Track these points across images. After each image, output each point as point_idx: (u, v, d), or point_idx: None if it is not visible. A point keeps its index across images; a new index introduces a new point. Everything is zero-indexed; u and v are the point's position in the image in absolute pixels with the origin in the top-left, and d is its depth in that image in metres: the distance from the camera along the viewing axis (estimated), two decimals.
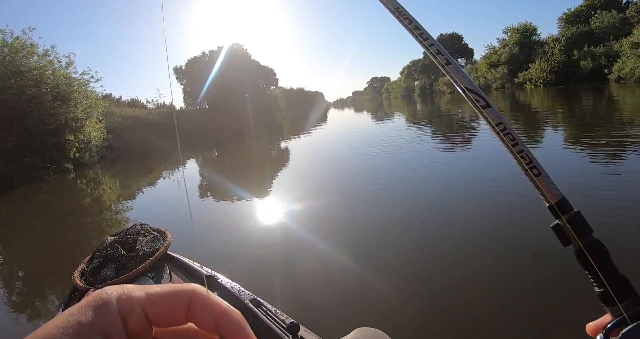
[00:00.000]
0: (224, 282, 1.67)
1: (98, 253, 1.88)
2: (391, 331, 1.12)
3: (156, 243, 1.90)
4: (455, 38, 73.94)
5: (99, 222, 6.70)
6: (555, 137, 9.24)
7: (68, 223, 6.92)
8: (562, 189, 0.39)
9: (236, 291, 1.61)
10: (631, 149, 6.55)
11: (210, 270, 1.76)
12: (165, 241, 1.93)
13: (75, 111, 15.38)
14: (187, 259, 1.90)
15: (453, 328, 2.39)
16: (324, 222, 4.82)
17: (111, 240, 1.97)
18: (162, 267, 1.82)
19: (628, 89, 22.07)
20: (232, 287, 1.63)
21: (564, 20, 41.64)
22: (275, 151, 14.95)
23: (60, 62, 15.91)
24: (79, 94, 15.87)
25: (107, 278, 1.68)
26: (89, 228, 6.33)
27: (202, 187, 9.00)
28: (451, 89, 59.02)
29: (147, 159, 16.96)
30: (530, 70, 39.08)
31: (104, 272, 1.74)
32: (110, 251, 1.84)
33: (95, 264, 1.80)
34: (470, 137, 10.87)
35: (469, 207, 4.50)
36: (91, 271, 1.77)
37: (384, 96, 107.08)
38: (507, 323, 2.35)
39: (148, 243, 1.88)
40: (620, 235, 3.15)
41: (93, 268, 1.79)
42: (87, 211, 7.86)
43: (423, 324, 2.44)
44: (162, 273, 1.76)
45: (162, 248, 1.86)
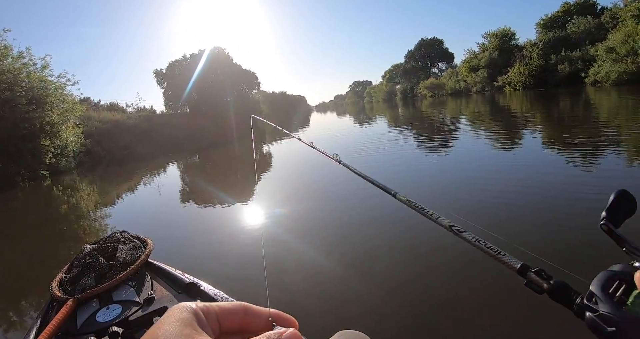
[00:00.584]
0: (207, 289, 1.67)
1: (77, 262, 1.85)
2: (374, 333, 1.14)
3: (137, 251, 1.88)
4: (436, 43, 75.09)
5: (76, 230, 6.55)
6: (535, 139, 9.47)
7: (44, 232, 6.74)
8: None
9: (219, 298, 1.61)
10: (609, 149, 6.78)
11: (193, 277, 1.75)
12: (146, 249, 1.92)
13: (51, 115, 14.94)
14: (169, 266, 1.88)
15: (436, 329, 2.43)
16: (306, 225, 4.85)
17: (90, 248, 1.94)
18: (144, 275, 1.80)
19: (604, 92, 22.79)
20: (215, 294, 1.63)
21: (541, 25, 42.93)
22: (257, 156, 14.90)
23: (36, 64, 15.53)
24: (55, 97, 15.44)
25: (86, 287, 1.65)
26: (66, 237, 6.18)
27: (184, 192, 8.91)
28: (432, 93, 59.94)
29: (127, 164, 16.69)
30: (509, 74, 40.07)
31: (83, 281, 1.71)
32: (89, 259, 1.82)
33: (74, 273, 1.78)
34: (451, 139, 11.04)
35: (453, 207, 4.57)
36: (70, 281, 1.74)
37: (366, 100, 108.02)
38: (493, 324, 2.41)
39: (128, 251, 1.86)
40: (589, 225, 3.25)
41: (72, 277, 1.76)
42: (64, 218, 7.67)
43: (405, 326, 2.47)
44: (143, 281, 1.75)
45: (143, 256, 1.84)
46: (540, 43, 37.71)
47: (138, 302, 1.58)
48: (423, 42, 75.70)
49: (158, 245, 2.15)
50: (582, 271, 0.48)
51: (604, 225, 0.45)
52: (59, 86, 16.06)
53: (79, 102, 18.14)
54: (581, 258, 3.00)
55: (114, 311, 1.53)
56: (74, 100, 17.10)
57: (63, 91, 16.29)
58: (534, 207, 4.30)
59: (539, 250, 3.20)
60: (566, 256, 3.06)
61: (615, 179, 4.95)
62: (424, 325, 2.46)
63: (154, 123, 26.10)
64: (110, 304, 1.58)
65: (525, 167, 6.31)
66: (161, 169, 14.17)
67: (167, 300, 1.59)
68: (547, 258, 0.66)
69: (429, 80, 63.46)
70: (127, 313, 1.52)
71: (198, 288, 1.67)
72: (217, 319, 0.34)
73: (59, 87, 16.03)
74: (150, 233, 2.19)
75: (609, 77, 26.26)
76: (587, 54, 31.47)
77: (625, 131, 8.82)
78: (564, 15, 41.14)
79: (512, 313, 2.47)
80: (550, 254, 3.10)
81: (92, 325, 1.47)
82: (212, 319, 0.33)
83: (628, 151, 6.77)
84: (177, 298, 1.60)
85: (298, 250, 3.99)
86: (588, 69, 29.64)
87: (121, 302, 1.59)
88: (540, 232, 3.61)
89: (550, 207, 4.21)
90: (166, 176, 12.39)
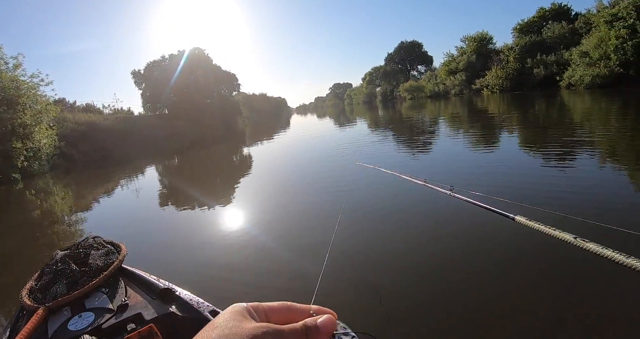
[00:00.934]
0: (182, 294, 1.65)
1: (47, 269, 1.81)
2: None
3: (110, 256, 1.85)
4: (415, 46, 76.08)
5: (49, 236, 6.37)
6: (511, 139, 9.69)
7: (15, 238, 6.55)
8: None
9: (195, 303, 1.60)
10: (582, 149, 6.99)
11: (168, 283, 1.73)
12: (120, 254, 1.89)
13: (23, 116, 14.53)
14: (143, 272, 1.86)
15: (412, 321, 2.47)
16: (284, 227, 4.86)
17: (61, 255, 1.90)
18: (117, 281, 1.77)
19: (578, 95, 23.50)
20: (190, 299, 1.62)
21: (517, 30, 43.99)
22: (237, 158, 14.80)
23: (7, 63, 15.11)
24: (27, 98, 15.01)
25: (57, 295, 1.62)
26: (38, 243, 6.01)
27: (162, 196, 8.77)
28: (412, 95, 60.68)
29: (103, 167, 16.34)
30: (486, 77, 40.96)
31: (55, 289, 1.68)
32: (60, 266, 1.78)
33: (45, 280, 1.73)
34: (430, 140, 11.19)
35: (420, 207, 4.64)
36: (40, 289, 1.70)
37: (347, 102, 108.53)
38: (455, 311, 2.45)
39: (101, 257, 1.83)
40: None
41: (42, 285, 1.72)
42: (36, 224, 7.46)
43: (384, 321, 2.50)
44: (117, 288, 1.72)
45: (116, 262, 1.81)
46: (516, 47, 38.67)
47: (111, 309, 1.56)
48: (403, 45, 76.60)
49: (133, 250, 2.13)
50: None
51: None
52: (32, 86, 15.65)
53: (53, 103, 17.67)
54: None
55: (87, 319, 1.50)
56: (48, 101, 16.70)
57: (36, 91, 15.89)
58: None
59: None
60: None
61: (586, 180, 5.12)
62: (391, 315, 2.50)
63: (132, 125, 25.65)
64: (83, 312, 1.55)
65: (502, 165, 6.46)
66: (139, 171, 13.92)
67: (142, 306, 1.57)
68: None
69: (409, 82, 64.23)
70: (100, 320, 1.49)
71: (173, 294, 1.65)
72: (265, 315, 0.41)
73: (32, 87, 15.63)
74: (126, 238, 2.16)
75: (583, 80, 27.05)
76: (561, 58, 32.43)
77: (598, 132, 9.12)
78: (539, 20, 42.27)
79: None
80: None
81: (64, 334, 1.44)
82: (261, 314, 0.40)
83: (601, 151, 7.00)
84: (151, 304, 1.58)
85: (275, 252, 4.00)
86: (563, 73, 30.49)
87: (94, 309, 1.56)
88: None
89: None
90: (144, 179, 12.18)
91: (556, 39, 36.13)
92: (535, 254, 3.13)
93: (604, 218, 3.64)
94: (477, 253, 3.38)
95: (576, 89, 27.67)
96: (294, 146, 16.04)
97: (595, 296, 2.56)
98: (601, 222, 1.01)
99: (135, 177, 12.63)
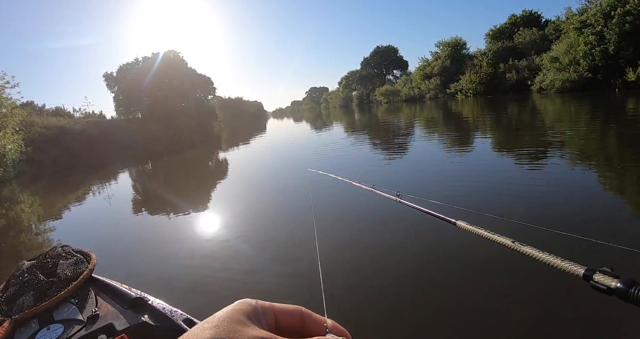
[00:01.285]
0: (155, 303, 1.63)
1: (13, 280, 1.75)
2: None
3: (79, 266, 1.81)
4: (391, 50, 77.27)
5: (15, 246, 6.14)
6: (484, 142, 9.92)
7: None
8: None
9: (168, 311, 1.58)
10: (553, 151, 7.23)
11: (140, 291, 1.71)
12: (90, 263, 1.85)
13: None
14: (114, 281, 1.82)
15: (397, 320, 2.50)
16: (258, 233, 4.84)
17: (28, 265, 1.84)
18: (87, 291, 1.73)
19: (549, 98, 24.37)
20: (163, 308, 1.60)
21: (490, 36, 45.36)
22: (212, 163, 14.64)
23: None
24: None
25: (24, 307, 1.57)
26: (3, 254, 5.78)
27: (136, 203, 8.60)
28: (387, 99, 61.46)
29: (74, 173, 15.89)
30: (460, 81, 42.05)
31: (21, 300, 1.63)
32: (27, 277, 1.73)
33: (11, 292, 1.68)
34: (407, 142, 11.35)
35: (367, 212, 4.68)
36: (6, 300, 1.65)
37: (323, 106, 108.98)
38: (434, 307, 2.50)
39: (70, 266, 1.79)
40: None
41: (8, 296, 1.67)
42: (1, 234, 7.17)
43: (367, 319, 2.53)
44: (86, 298, 1.68)
45: (86, 271, 1.77)
46: (489, 52, 39.85)
47: (81, 320, 1.53)
48: (378, 50, 77.67)
49: (104, 259, 2.08)
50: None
51: None
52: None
53: (20, 107, 17.08)
54: None
55: (55, 331, 1.46)
56: (14, 104, 16.17)
57: (1, 94, 15.38)
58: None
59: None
60: None
61: (557, 177, 5.29)
62: (380, 315, 2.53)
63: (104, 129, 25.01)
64: (51, 324, 1.51)
65: (477, 167, 6.61)
66: (111, 177, 13.60)
67: (113, 317, 1.54)
68: None
69: (385, 86, 65.10)
70: (70, 332, 1.45)
71: (146, 303, 1.62)
72: (274, 316, 0.37)
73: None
74: (96, 247, 2.12)
75: (554, 84, 28.12)
76: (532, 63, 33.60)
77: (568, 133, 9.46)
78: (511, 26, 43.69)
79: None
80: None
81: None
82: (269, 315, 0.37)
83: (570, 152, 7.27)
84: (122, 314, 1.55)
85: (248, 257, 3.99)
86: (534, 77, 31.63)
87: (63, 321, 1.52)
88: None
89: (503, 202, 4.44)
90: (116, 185, 11.90)
91: (527, 44, 37.43)
92: (478, 257, 3.26)
93: (548, 222, 3.77)
94: (419, 256, 3.52)
95: (547, 93, 28.69)
96: (269, 151, 15.99)
97: (532, 296, 2.69)
98: (543, 226, 1.06)
99: (107, 184, 12.32)
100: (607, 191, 4.94)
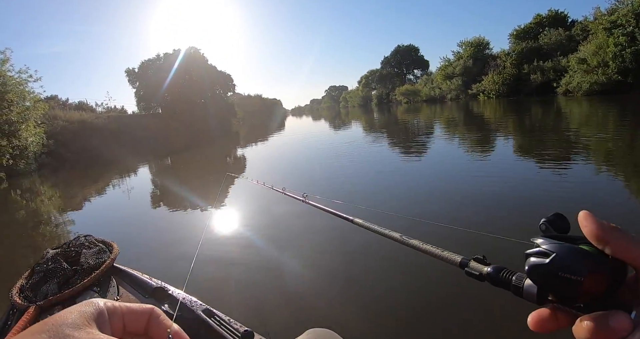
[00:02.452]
0: (175, 293, 1.66)
1: (38, 268, 1.80)
2: (342, 330, 1.18)
3: (102, 255, 1.85)
4: (411, 50, 76.68)
5: (37, 236, 6.31)
6: (506, 146, 9.74)
7: (2, 238, 6.49)
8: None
9: (187, 301, 1.61)
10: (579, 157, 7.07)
11: (160, 281, 1.74)
12: (112, 253, 1.89)
13: (9, 113, 14.30)
14: (135, 271, 1.86)
15: (401, 325, 2.50)
16: (273, 229, 4.89)
17: (53, 253, 1.89)
18: (109, 280, 1.77)
19: (575, 101, 23.74)
20: (183, 298, 1.63)
21: (514, 36, 44.56)
22: (231, 159, 14.78)
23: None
24: (14, 94, 14.78)
25: (49, 294, 1.61)
26: (26, 243, 5.96)
27: (155, 196, 8.75)
28: (407, 99, 61.00)
29: (94, 166, 16.22)
30: (483, 82, 41.31)
31: (46, 288, 1.67)
32: (51, 265, 1.77)
33: (36, 279, 1.73)
34: (429, 145, 11.23)
35: (417, 210, 4.66)
36: (31, 287, 1.69)
37: (342, 105, 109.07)
38: (455, 321, 2.48)
39: (93, 256, 1.83)
40: None
41: (33, 283, 1.71)
42: (22, 224, 7.39)
43: (372, 322, 2.56)
44: (108, 287, 1.71)
45: (108, 261, 1.81)
46: (513, 53, 39.08)
47: None
48: (399, 49, 77.18)
49: (125, 250, 2.13)
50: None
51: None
52: (19, 82, 15.41)
53: (43, 100, 17.47)
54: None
55: None
56: (36, 97, 16.49)
57: (24, 88, 15.67)
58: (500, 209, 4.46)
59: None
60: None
61: (582, 186, 5.18)
62: (389, 322, 2.54)
63: (125, 124, 25.52)
64: None
65: (496, 173, 6.52)
66: (131, 171, 13.85)
67: None
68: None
69: (405, 86, 64.63)
70: None
71: (166, 292, 1.65)
72: (122, 320, 0.36)
73: (19, 83, 15.39)
74: (117, 237, 2.16)
75: (581, 87, 27.33)
76: (558, 64, 32.80)
77: (594, 139, 9.23)
78: (536, 26, 42.85)
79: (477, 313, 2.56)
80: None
81: None
82: (117, 319, 0.35)
83: (596, 158, 7.09)
84: (143, 303, 1.58)
85: (266, 253, 4.03)
86: (560, 79, 30.83)
87: None
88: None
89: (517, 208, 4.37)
90: (136, 179, 12.13)
91: (553, 45, 36.61)
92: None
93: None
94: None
95: (573, 96, 27.95)
96: (288, 148, 16.07)
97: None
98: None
99: (128, 177, 12.57)
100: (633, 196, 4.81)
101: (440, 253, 0.60)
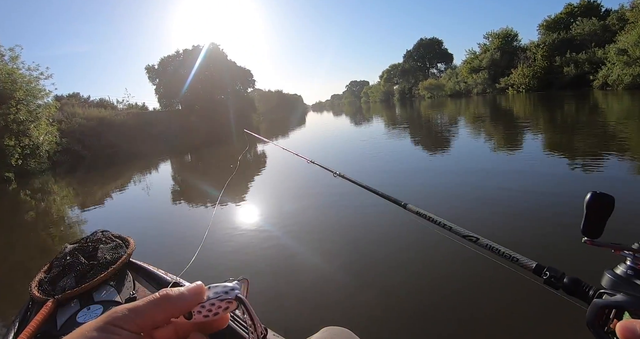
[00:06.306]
0: None
1: (56, 262, 1.86)
2: (358, 329, 1.18)
3: (118, 250, 1.90)
4: (435, 43, 75.59)
5: (54, 233, 6.50)
6: (536, 145, 9.41)
7: (20, 235, 6.72)
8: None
9: None
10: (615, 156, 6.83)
11: (176, 277, 1.78)
12: (128, 248, 1.94)
13: (16, 112, 14.25)
14: (151, 266, 1.90)
15: (418, 324, 2.50)
16: (291, 224, 4.94)
17: (70, 248, 1.95)
18: (125, 275, 1.82)
19: (615, 96, 22.72)
20: None
21: (544, 26, 43.36)
22: (251, 155, 14.90)
23: (4, 56, 14.82)
24: (23, 92, 14.70)
25: (66, 288, 1.67)
26: (47, 238, 6.16)
27: (173, 192, 8.93)
28: (431, 94, 60.23)
29: (112, 163, 16.54)
30: (512, 75, 40.28)
31: (63, 282, 1.73)
32: (69, 259, 1.83)
33: (54, 273, 1.79)
34: (451, 142, 11.07)
35: (439, 207, 4.60)
36: (49, 281, 1.75)
37: (363, 100, 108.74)
38: (472, 319, 2.45)
39: (110, 251, 1.88)
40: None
41: (51, 277, 1.77)
42: (34, 222, 7.59)
43: (388, 321, 2.55)
44: (124, 281, 1.76)
45: (124, 256, 1.86)
46: (544, 44, 38.00)
47: (119, 302, 1.61)
48: (422, 42, 76.16)
49: (141, 245, 2.18)
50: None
51: (585, 242, 0.50)
52: (30, 80, 15.32)
53: (56, 99, 17.49)
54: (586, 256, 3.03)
55: (95, 312, 1.55)
56: (47, 94, 16.45)
57: (36, 86, 15.59)
58: (534, 210, 4.36)
59: (547, 249, 3.34)
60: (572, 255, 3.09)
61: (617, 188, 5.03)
62: (406, 320, 2.55)
63: (144, 120, 25.97)
64: (91, 305, 1.59)
65: (529, 173, 6.37)
66: (150, 168, 14.11)
67: None
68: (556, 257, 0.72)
69: (428, 80, 63.84)
70: None
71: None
72: (144, 317, 0.35)
73: (29, 81, 15.29)
74: (134, 233, 2.21)
75: (622, 80, 26.20)
76: (594, 56, 31.71)
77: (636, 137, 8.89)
78: (567, 16, 41.66)
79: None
80: (556, 253, 3.25)
81: (73, 326, 1.49)
82: (139, 318, 0.35)
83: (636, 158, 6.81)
84: None
85: (283, 249, 4.09)
86: (596, 72, 29.77)
87: (102, 302, 1.61)
88: (544, 235, 3.66)
89: (549, 209, 4.27)
90: (155, 176, 12.38)
91: (586, 36, 35.46)
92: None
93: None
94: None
95: (612, 90, 26.86)
96: (309, 144, 16.09)
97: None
98: None
99: (148, 173, 12.83)
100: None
101: (511, 257, 0.62)
